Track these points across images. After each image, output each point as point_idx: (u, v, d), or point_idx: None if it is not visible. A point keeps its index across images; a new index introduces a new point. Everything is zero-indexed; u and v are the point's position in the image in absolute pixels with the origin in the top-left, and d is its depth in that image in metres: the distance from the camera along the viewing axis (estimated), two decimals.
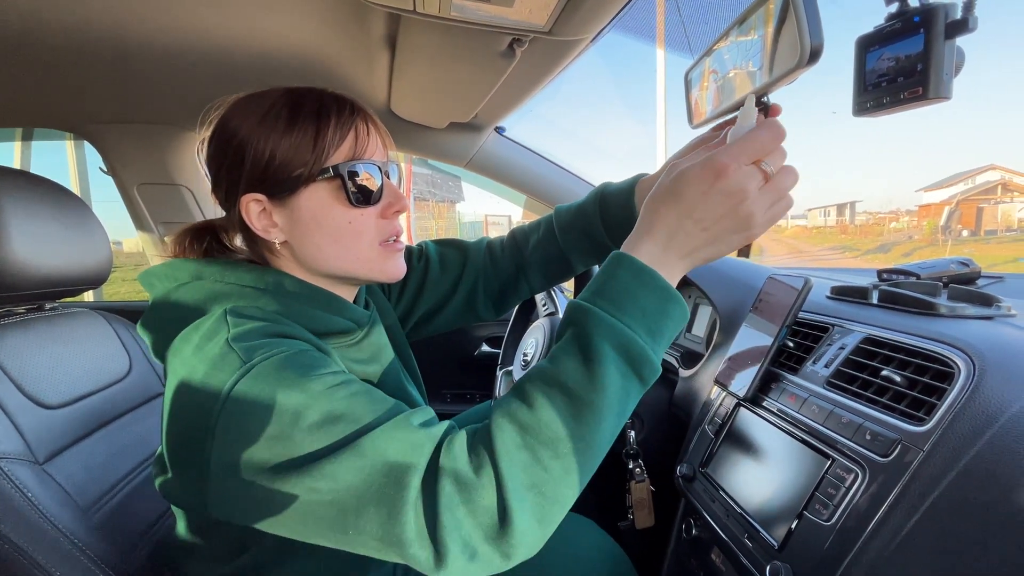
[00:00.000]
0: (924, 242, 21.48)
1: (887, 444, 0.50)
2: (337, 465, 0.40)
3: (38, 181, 0.74)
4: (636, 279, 0.43)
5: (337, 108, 0.53)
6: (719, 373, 0.79)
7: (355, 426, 0.41)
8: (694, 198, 0.43)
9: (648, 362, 0.43)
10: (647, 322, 0.43)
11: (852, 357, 0.62)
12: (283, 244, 0.54)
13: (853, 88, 0.49)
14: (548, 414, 0.41)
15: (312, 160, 0.51)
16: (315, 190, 0.52)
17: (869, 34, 0.48)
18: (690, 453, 0.78)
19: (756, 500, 0.62)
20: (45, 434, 0.68)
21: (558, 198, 1.39)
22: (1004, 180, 31.67)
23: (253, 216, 0.52)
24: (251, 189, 0.52)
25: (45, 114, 1.11)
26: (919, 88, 0.44)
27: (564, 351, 0.43)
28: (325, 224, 0.53)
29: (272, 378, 0.42)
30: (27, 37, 0.83)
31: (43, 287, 0.73)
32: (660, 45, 9.25)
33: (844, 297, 0.75)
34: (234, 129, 0.53)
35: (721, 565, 0.68)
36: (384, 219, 0.56)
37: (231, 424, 0.41)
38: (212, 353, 0.44)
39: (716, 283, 0.92)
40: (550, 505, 0.41)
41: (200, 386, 0.43)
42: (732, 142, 0.44)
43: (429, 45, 0.76)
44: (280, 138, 0.51)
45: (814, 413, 0.60)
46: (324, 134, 0.51)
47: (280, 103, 0.52)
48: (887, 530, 0.47)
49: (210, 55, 0.90)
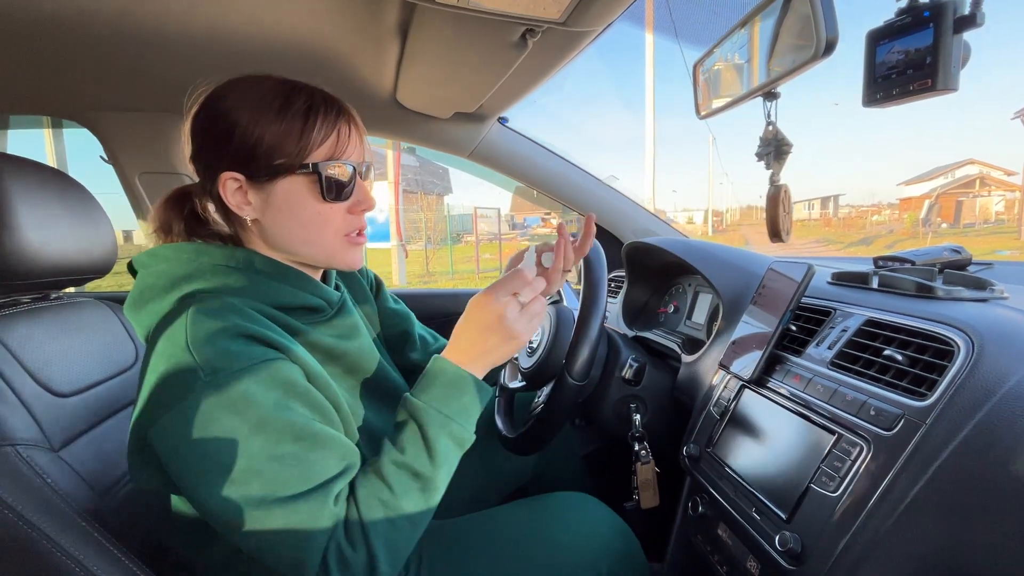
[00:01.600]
0: (905, 235, 21.93)
1: (891, 419, 0.53)
2: (247, 516, 0.48)
3: (43, 169, 0.74)
4: (454, 382, 0.59)
5: (325, 107, 0.58)
6: (724, 357, 0.82)
7: (270, 490, 0.49)
8: (475, 319, 0.61)
9: (467, 439, 0.59)
10: (465, 412, 0.59)
11: (855, 339, 0.65)
12: (254, 222, 0.59)
13: (863, 80, 0.51)
14: (404, 493, 0.54)
15: (295, 152, 0.56)
16: (293, 180, 0.57)
17: (879, 28, 0.50)
18: (696, 434, 0.81)
19: (762, 476, 0.65)
20: (58, 422, 0.68)
21: (560, 189, 1.40)
22: (982, 174, 32.37)
23: (229, 192, 0.57)
24: (232, 167, 0.56)
25: (45, 102, 1.10)
26: (928, 80, 0.46)
27: (410, 443, 0.56)
28: (297, 212, 0.58)
29: (218, 403, 0.48)
30: (28, 23, 0.82)
31: (50, 276, 0.73)
32: (649, 30, 9.20)
33: (845, 282, 0.78)
34: (227, 108, 0.56)
35: (728, 539, 0.71)
36: (351, 215, 0.61)
37: (168, 430, 0.49)
38: (174, 358, 0.50)
39: (719, 270, 0.95)
40: (402, 553, 0.55)
41: (157, 385, 0.50)
42: (500, 280, 0.63)
43: (442, 34, 0.77)
44: (269, 126, 0.55)
45: (819, 392, 0.63)
46: (310, 130, 0.56)
47: (274, 92, 0.57)
48: (891, 499, 0.50)
49: (215, 42, 0.90)
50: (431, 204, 15.08)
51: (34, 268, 0.70)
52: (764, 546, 0.60)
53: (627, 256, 1.20)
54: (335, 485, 0.52)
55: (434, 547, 0.71)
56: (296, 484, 0.49)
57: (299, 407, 0.52)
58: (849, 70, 0.56)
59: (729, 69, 0.68)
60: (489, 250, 14.11)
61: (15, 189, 0.67)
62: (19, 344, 0.68)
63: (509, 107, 1.17)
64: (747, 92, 0.65)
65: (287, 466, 0.49)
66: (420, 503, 0.55)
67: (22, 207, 0.67)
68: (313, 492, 0.50)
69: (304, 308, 0.62)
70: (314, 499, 0.50)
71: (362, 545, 0.51)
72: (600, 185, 1.43)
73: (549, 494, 0.81)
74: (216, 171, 0.57)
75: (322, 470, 0.51)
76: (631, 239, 1.19)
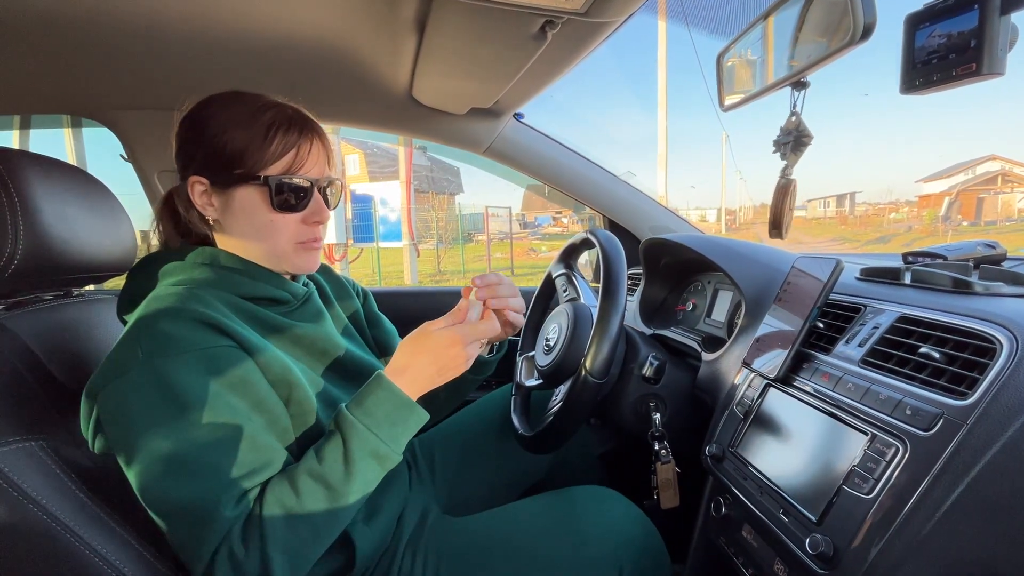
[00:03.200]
0: (924, 232, 21.49)
1: (929, 418, 0.51)
2: (152, 495, 0.53)
3: (66, 168, 0.74)
4: (387, 395, 0.61)
5: (288, 125, 0.63)
6: (747, 355, 0.80)
7: (173, 474, 0.52)
8: (416, 345, 0.65)
9: (392, 458, 0.61)
10: (392, 430, 0.60)
11: (887, 336, 0.63)
12: (215, 222, 0.66)
13: (901, 66, 0.49)
14: (312, 502, 0.55)
15: (252, 164, 0.61)
16: (249, 189, 0.62)
17: (919, 11, 0.48)
18: (718, 434, 0.79)
19: (790, 477, 0.63)
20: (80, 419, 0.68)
21: (576, 186, 1.39)
22: (1004, 170, 31.63)
23: (196, 193, 0.64)
24: (199, 171, 0.63)
25: (67, 101, 1.11)
26: (972, 64, 0.44)
27: (330, 453, 0.58)
28: (251, 218, 0.64)
29: (149, 383, 0.53)
30: (49, 23, 0.83)
31: (72, 273, 0.74)
32: (661, 16, 9.10)
33: (874, 278, 0.75)
34: (204, 117, 0.63)
35: (752, 541, 0.70)
36: (305, 224, 0.66)
37: (106, 402, 0.54)
38: (128, 337, 0.56)
39: (742, 267, 0.93)
40: (303, 562, 0.56)
41: (108, 359, 0.56)
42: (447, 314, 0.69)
43: (460, 28, 0.76)
44: (233, 137, 0.61)
45: (849, 391, 0.61)
46: (268, 145, 0.61)
47: (246, 107, 0.63)
48: (930, 502, 0.48)
49: (234, 39, 0.90)
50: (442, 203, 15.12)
51: (57, 265, 0.70)
52: (793, 549, 0.58)
53: (645, 253, 1.18)
54: (241, 484, 0.54)
55: (452, 544, 0.71)
56: (199, 475, 0.52)
57: (234, 398, 0.56)
58: (849, 65, 0.54)
59: (755, 59, 0.66)
60: (500, 249, 14.10)
61: (40, 187, 0.67)
62: (43, 340, 0.68)
63: (525, 102, 1.16)
64: (776, 81, 0.63)
65: (194, 456, 0.52)
66: (325, 513, 0.56)
67: (46, 205, 0.68)
68: (214, 487, 0.52)
69: (268, 299, 0.67)
70: (212, 494, 0.52)
71: (256, 549, 0.53)
72: (617, 182, 1.41)
73: (568, 488, 0.80)
74: (187, 173, 0.64)
75: (230, 467, 0.53)
76: (648, 236, 1.17)
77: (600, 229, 1.05)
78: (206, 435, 0.53)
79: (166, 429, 0.52)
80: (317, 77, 1.05)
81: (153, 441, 0.52)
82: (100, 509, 0.59)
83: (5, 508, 0.53)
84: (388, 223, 10.02)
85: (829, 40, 0.52)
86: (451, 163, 25.05)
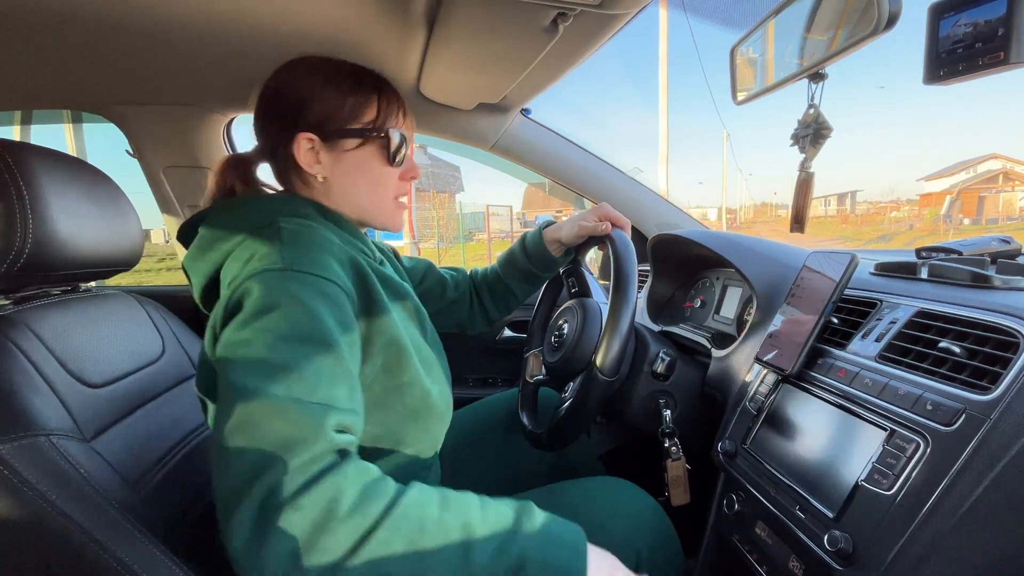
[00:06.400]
0: (925, 231, 21.45)
1: (951, 413, 0.50)
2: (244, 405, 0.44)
3: (72, 161, 0.74)
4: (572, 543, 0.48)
5: (388, 86, 0.67)
6: (760, 351, 0.80)
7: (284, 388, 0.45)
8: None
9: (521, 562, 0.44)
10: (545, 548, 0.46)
11: (905, 330, 0.62)
12: (323, 180, 0.65)
13: (925, 56, 0.48)
14: (395, 537, 0.41)
15: (371, 120, 0.64)
16: (367, 144, 0.65)
17: (944, 0, 0.47)
18: (731, 430, 0.78)
19: (806, 473, 0.62)
20: (90, 412, 0.68)
21: (582, 182, 1.38)
22: (1005, 169, 31.57)
23: (302, 151, 0.63)
24: (307, 129, 0.62)
25: (71, 96, 1.10)
26: (1000, 53, 0.43)
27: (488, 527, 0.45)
28: (366, 172, 0.66)
29: (282, 287, 0.50)
30: (55, 17, 0.82)
31: (79, 267, 0.73)
32: (663, 5, 9.06)
33: (889, 273, 0.75)
34: (298, 82, 0.64)
35: (767, 538, 0.69)
36: (402, 180, 0.70)
37: (242, 300, 0.50)
38: (262, 251, 0.54)
39: (752, 263, 0.92)
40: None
41: (241, 265, 0.54)
42: None
43: (471, 20, 0.75)
44: (346, 95, 0.63)
45: (867, 387, 0.60)
46: (383, 102, 0.65)
47: (345, 69, 0.65)
48: (953, 499, 0.47)
49: (240, 35, 0.89)
50: (443, 202, 15.10)
51: (65, 260, 0.69)
52: (810, 545, 0.57)
53: (653, 249, 1.17)
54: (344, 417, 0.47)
55: None
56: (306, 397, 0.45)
57: (352, 340, 0.54)
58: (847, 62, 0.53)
59: (769, 51, 0.66)
60: (501, 248, 14.08)
61: (47, 181, 0.67)
62: (51, 335, 0.68)
63: (533, 97, 1.15)
64: (793, 73, 0.62)
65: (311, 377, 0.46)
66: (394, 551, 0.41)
67: (54, 199, 0.67)
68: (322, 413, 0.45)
69: (362, 253, 0.66)
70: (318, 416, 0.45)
71: (295, 533, 0.39)
72: (624, 178, 1.40)
73: (581, 479, 0.80)
74: (292, 133, 0.62)
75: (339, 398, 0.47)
76: (655, 232, 1.17)
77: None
78: (322, 362, 0.48)
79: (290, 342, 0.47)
80: None
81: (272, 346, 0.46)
82: (109, 504, 0.59)
83: (14, 503, 0.53)
84: None
85: (851, 29, 0.51)
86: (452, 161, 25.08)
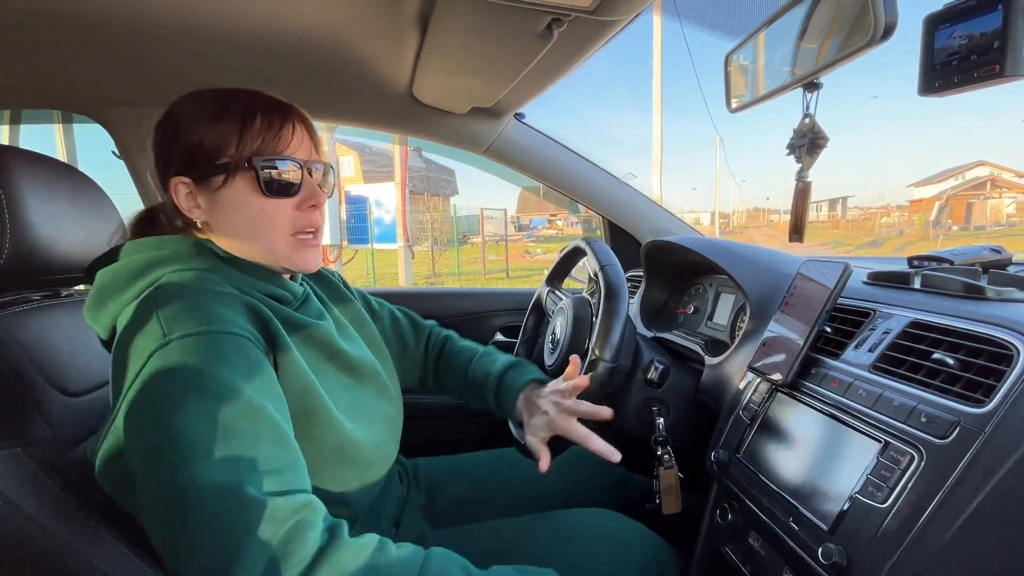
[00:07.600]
0: (915, 237, 21.71)
1: (945, 426, 0.50)
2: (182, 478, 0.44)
3: (53, 164, 0.72)
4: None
5: (265, 108, 0.59)
6: (753, 359, 0.79)
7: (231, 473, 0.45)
8: None
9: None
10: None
11: (898, 341, 0.62)
12: (204, 224, 0.61)
13: (919, 67, 0.48)
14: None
15: (235, 151, 0.57)
16: (234, 178, 0.58)
17: (939, 12, 0.47)
18: (724, 439, 0.78)
19: (799, 484, 0.62)
20: (69, 421, 0.66)
21: (576, 187, 1.38)
22: (993, 176, 32.05)
23: (181, 196, 0.59)
24: (180, 172, 0.59)
25: (57, 96, 1.08)
26: (995, 66, 0.43)
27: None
28: (241, 209, 0.59)
29: (179, 362, 0.48)
30: (40, 16, 0.81)
31: (60, 272, 0.71)
32: (657, 11, 9.11)
33: (883, 282, 0.74)
34: (175, 117, 0.60)
35: (760, 549, 0.69)
36: (300, 212, 0.61)
37: (141, 389, 0.47)
38: (143, 322, 0.51)
39: (746, 270, 0.92)
40: None
41: (129, 350, 0.50)
42: None
43: (464, 24, 0.74)
44: (208, 128, 0.57)
45: (861, 397, 0.60)
46: (248, 128, 0.58)
47: (213, 99, 0.59)
48: (949, 512, 0.47)
49: (230, 35, 0.88)
50: (437, 205, 15.09)
51: (45, 265, 0.68)
52: (804, 558, 0.57)
53: (646, 255, 1.17)
54: (280, 479, 0.47)
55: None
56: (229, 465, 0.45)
57: (263, 391, 0.51)
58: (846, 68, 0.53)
59: (764, 59, 0.65)
60: (495, 251, 14.10)
61: (25, 184, 0.65)
62: (31, 342, 0.66)
63: (528, 102, 1.14)
64: (788, 82, 0.61)
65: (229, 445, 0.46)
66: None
67: (33, 202, 0.65)
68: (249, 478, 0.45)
69: (268, 296, 0.62)
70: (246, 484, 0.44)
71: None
72: (618, 183, 1.40)
73: (574, 510, 0.79)
74: (167, 177, 0.60)
75: (264, 460, 0.46)
76: (648, 238, 1.17)
77: (584, 236, 1.06)
78: (240, 425, 0.47)
79: (192, 415, 0.46)
80: (316, 75, 1.04)
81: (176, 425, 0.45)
82: (89, 516, 0.57)
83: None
84: (383, 225, 9.97)
85: (845, 39, 0.51)
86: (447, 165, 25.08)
